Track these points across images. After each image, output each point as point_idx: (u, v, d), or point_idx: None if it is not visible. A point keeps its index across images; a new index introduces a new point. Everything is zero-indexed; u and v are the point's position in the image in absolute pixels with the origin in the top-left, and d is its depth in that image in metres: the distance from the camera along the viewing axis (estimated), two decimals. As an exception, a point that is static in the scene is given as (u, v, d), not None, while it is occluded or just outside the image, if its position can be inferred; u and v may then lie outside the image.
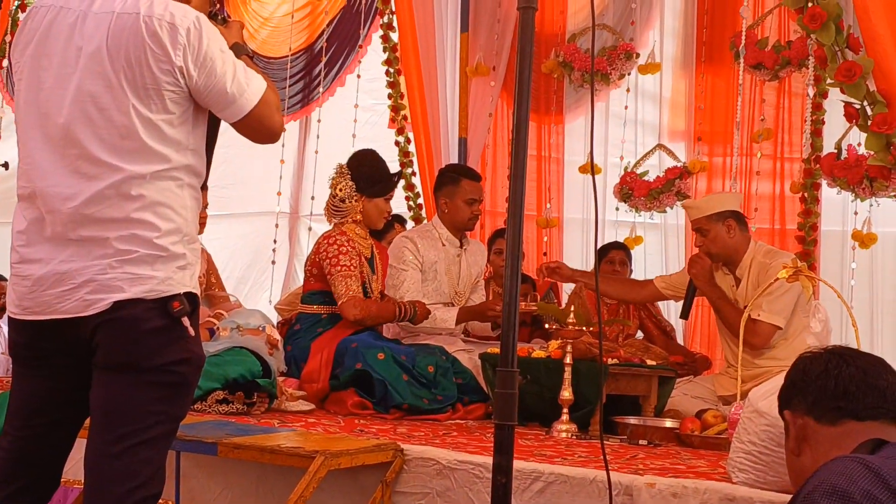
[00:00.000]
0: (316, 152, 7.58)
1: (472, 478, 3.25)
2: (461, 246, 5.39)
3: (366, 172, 4.92)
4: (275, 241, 7.59)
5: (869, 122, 2.92)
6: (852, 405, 2.00)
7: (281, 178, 7.59)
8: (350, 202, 4.93)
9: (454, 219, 5.32)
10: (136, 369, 2.41)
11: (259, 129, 2.59)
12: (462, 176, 5.37)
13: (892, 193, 5.19)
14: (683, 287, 5.04)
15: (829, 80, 3.13)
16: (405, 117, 7.18)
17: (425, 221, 5.63)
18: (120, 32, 2.42)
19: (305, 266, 5.04)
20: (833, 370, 2.05)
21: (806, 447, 2.03)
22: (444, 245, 5.33)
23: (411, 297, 5.11)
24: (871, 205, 5.64)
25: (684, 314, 5.13)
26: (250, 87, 2.54)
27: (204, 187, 2.69)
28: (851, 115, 3.02)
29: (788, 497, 2.78)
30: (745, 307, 4.59)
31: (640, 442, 4.05)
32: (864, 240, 5.84)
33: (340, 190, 4.94)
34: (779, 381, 2.94)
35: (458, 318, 5.15)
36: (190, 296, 2.48)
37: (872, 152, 3.00)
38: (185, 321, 2.45)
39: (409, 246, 5.24)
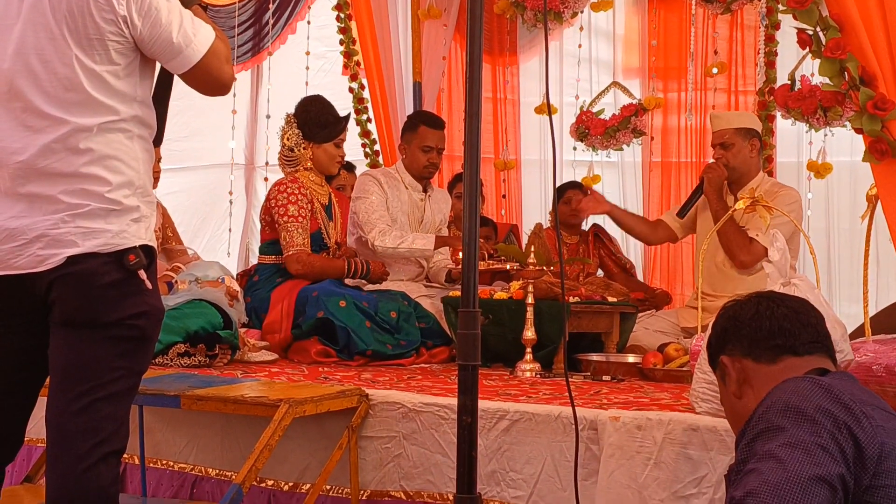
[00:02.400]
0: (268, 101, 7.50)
1: (438, 419, 3.26)
2: (425, 191, 5.36)
3: (312, 118, 4.87)
4: (231, 193, 7.52)
5: (822, 49, 2.92)
6: (790, 341, 2.02)
7: (234, 128, 7.50)
8: (299, 150, 4.88)
9: (411, 166, 5.30)
10: (95, 325, 2.38)
11: (208, 80, 2.54)
12: (422, 122, 5.33)
13: (846, 123, 5.22)
14: (694, 223, 5.07)
15: (781, 8, 3.12)
16: (358, 63, 7.10)
17: (391, 167, 5.60)
18: None
19: (260, 216, 5.00)
20: (765, 311, 2.05)
21: (747, 389, 2.02)
22: (406, 188, 5.30)
23: (379, 217, 5.09)
24: (825, 135, 5.67)
25: (682, 213, 5.17)
26: (197, 37, 2.48)
27: (158, 142, 2.65)
28: (805, 41, 3.02)
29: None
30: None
31: (604, 378, 4.08)
32: (819, 170, 5.88)
33: (288, 139, 4.89)
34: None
35: (436, 244, 5.11)
36: (146, 248, 2.45)
37: (826, 79, 3.00)
38: (142, 274, 2.42)
39: (373, 182, 5.24)
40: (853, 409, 1.76)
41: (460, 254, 4.94)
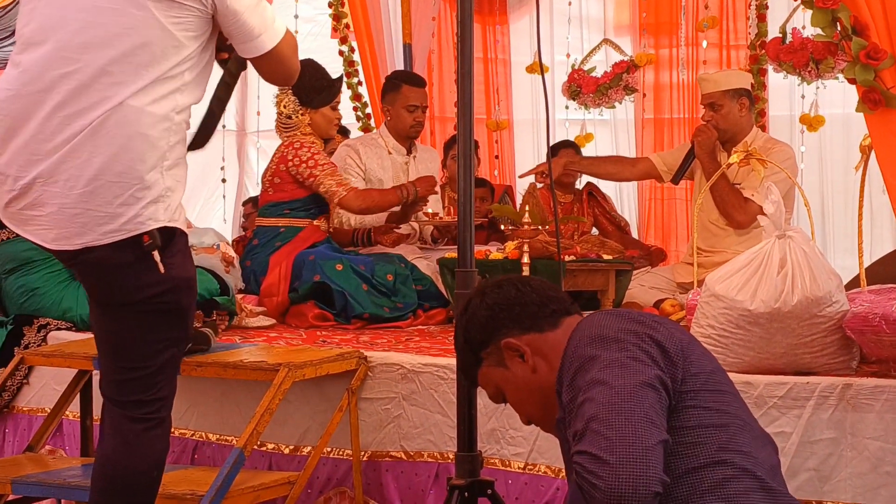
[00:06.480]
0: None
1: (437, 380, 3.27)
2: (409, 153, 5.33)
3: (307, 84, 4.80)
4: (223, 160, 7.48)
5: (814, -1, 2.92)
6: (561, 304, 2.15)
7: (225, 95, 7.45)
8: (296, 117, 4.84)
9: (397, 126, 5.25)
10: (124, 304, 2.45)
11: (278, 68, 2.58)
12: (403, 82, 5.28)
13: (838, 75, 5.20)
14: (677, 165, 5.04)
15: (772, -41, 3.11)
16: (347, 26, 7.05)
17: (374, 131, 5.55)
18: None
19: (264, 177, 4.94)
20: (524, 288, 2.15)
21: (540, 361, 2.09)
22: (390, 153, 5.26)
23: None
24: (817, 87, 5.65)
25: (676, 180, 5.13)
26: (275, 24, 2.51)
27: (200, 144, 2.71)
28: (796, -9, 3.01)
29: (748, 377, 2.84)
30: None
31: (601, 335, 4.08)
32: (812, 123, 5.86)
33: (285, 106, 4.85)
34: (734, 264, 2.98)
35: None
36: (163, 230, 2.44)
37: (818, 31, 2.99)
38: (156, 256, 2.42)
39: (350, 154, 5.19)
40: (645, 321, 1.99)
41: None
